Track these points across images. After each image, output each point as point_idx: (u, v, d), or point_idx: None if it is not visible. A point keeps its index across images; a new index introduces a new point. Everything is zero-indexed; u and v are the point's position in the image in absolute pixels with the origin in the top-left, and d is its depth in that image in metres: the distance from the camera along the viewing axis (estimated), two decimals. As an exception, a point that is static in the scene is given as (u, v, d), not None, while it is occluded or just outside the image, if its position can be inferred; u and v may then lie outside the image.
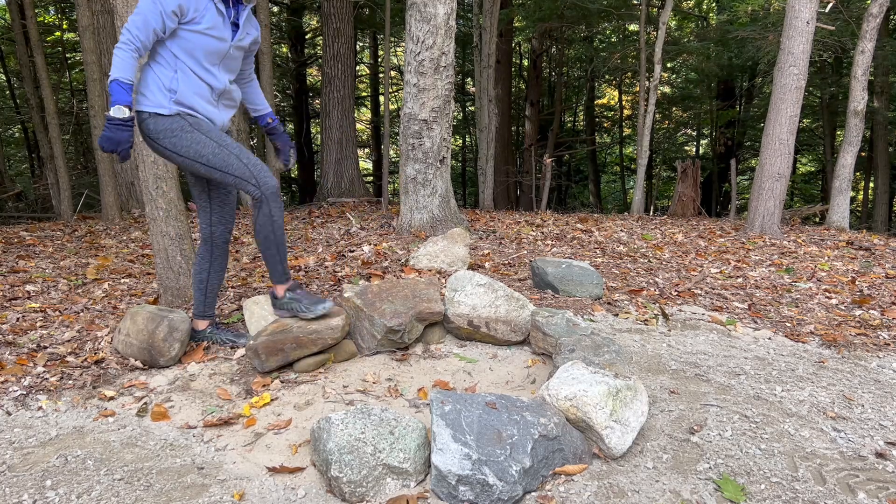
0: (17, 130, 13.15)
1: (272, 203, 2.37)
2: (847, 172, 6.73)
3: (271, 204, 2.37)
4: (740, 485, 1.73)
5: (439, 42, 4.64)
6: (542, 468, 1.76)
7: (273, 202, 2.37)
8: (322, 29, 8.99)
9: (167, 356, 2.55)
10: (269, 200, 2.36)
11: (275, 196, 2.38)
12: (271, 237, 2.41)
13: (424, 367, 2.67)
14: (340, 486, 1.72)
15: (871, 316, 3.40)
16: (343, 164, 8.44)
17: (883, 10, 6.40)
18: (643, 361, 2.63)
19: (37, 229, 5.76)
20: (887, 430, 2.06)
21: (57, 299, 3.38)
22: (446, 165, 4.99)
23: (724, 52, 11.47)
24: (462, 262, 3.90)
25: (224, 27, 2.37)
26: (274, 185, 2.36)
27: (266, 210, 2.36)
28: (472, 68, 11.93)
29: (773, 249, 5.18)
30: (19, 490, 1.71)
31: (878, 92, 10.20)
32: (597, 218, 7.08)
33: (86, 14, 6.03)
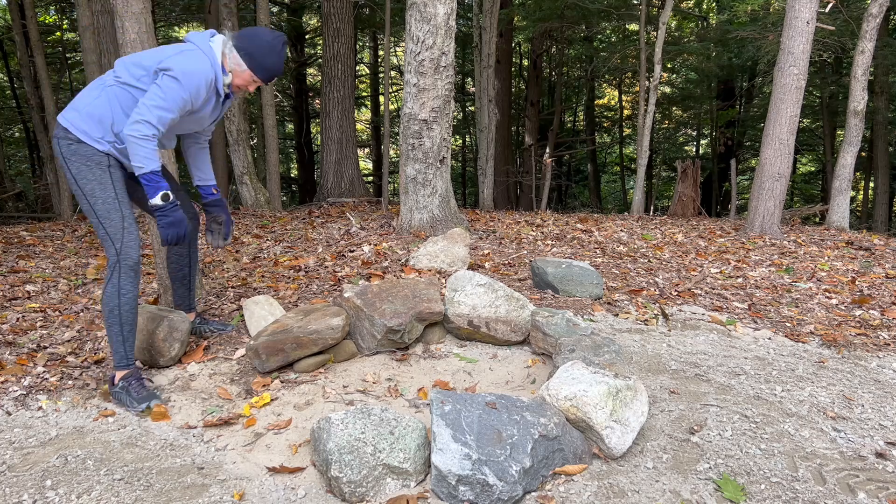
0: (18, 130, 13.16)
1: (124, 276, 2.22)
2: (847, 172, 6.72)
3: (122, 277, 2.21)
4: (740, 485, 1.73)
5: (439, 42, 4.64)
6: (542, 468, 1.76)
7: (125, 276, 2.22)
8: (322, 29, 8.99)
9: (167, 356, 2.55)
10: (121, 272, 2.21)
11: (129, 270, 2.23)
12: (116, 312, 2.22)
13: (424, 367, 2.67)
14: (340, 486, 1.72)
15: (871, 316, 3.40)
16: (343, 164, 8.44)
17: (883, 10, 6.40)
18: (643, 361, 2.63)
19: (37, 229, 5.76)
20: (887, 430, 2.06)
21: (57, 299, 3.38)
22: (446, 165, 4.99)
23: (724, 52, 11.48)
24: (462, 262, 3.90)
25: (211, 114, 2.39)
26: (132, 260, 2.23)
27: (115, 281, 2.21)
28: (472, 68, 11.93)
29: (773, 249, 5.18)
30: (19, 490, 1.71)
31: (878, 92, 10.20)
32: (597, 218, 7.08)
33: (86, 14, 6.04)
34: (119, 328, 2.24)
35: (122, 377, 2.27)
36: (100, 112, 2.21)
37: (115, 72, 2.26)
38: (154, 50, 2.29)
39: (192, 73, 2.17)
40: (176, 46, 2.27)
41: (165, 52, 2.23)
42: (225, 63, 2.29)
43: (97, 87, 2.25)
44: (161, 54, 2.22)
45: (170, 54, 2.20)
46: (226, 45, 2.28)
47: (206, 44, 2.25)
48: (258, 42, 2.26)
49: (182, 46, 2.26)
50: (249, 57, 2.27)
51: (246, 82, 2.34)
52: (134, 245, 2.24)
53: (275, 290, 3.52)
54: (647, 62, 8.91)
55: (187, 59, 2.18)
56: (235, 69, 2.29)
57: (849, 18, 7.96)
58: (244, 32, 2.30)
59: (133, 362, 2.30)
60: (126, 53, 2.95)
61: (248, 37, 2.27)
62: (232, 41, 2.27)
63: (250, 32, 2.29)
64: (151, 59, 2.22)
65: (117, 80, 2.23)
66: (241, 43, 2.26)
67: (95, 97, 2.22)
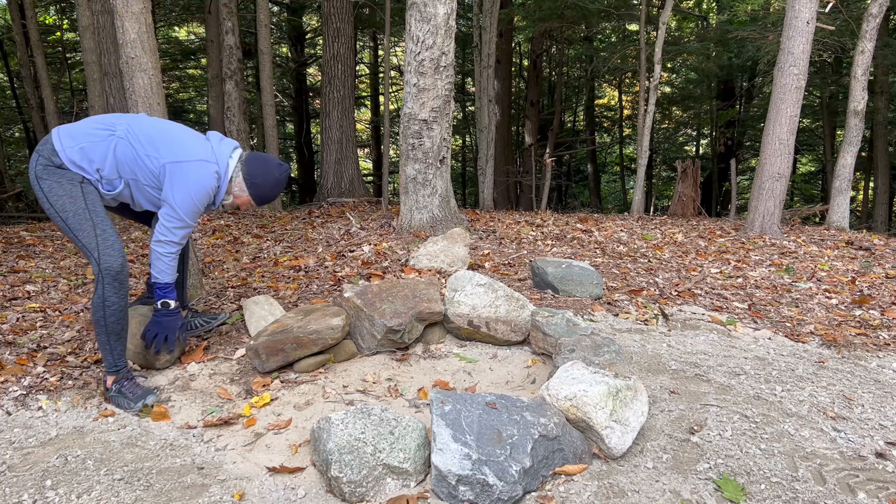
0: (18, 130, 13.16)
1: (108, 287, 2.19)
2: (847, 172, 6.72)
3: (106, 288, 2.19)
4: (740, 485, 1.73)
5: (439, 42, 4.64)
6: (542, 468, 1.76)
7: (109, 285, 2.19)
8: (322, 29, 8.99)
9: (161, 360, 2.55)
10: (104, 281, 2.19)
11: (113, 279, 2.20)
12: (102, 322, 2.21)
13: (424, 367, 2.67)
14: (340, 486, 1.72)
15: (871, 316, 3.40)
16: (343, 164, 8.44)
17: (883, 10, 6.40)
18: (643, 361, 2.63)
19: (37, 229, 5.76)
20: (887, 430, 2.06)
21: (57, 299, 3.38)
22: (446, 165, 4.99)
23: (724, 52, 11.48)
24: (462, 262, 3.90)
25: None
26: (114, 267, 2.19)
27: (100, 291, 2.19)
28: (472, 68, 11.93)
29: (773, 249, 5.18)
30: (19, 490, 1.71)
31: (878, 92, 10.19)
32: (597, 218, 7.08)
33: (86, 14, 6.04)
34: (106, 337, 2.24)
35: (113, 381, 2.28)
36: (96, 155, 2.23)
37: (130, 127, 2.29)
38: (174, 132, 2.33)
39: (203, 191, 2.30)
40: (194, 144, 2.32)
41: (184, 149, 2.29)
42: (231, 184, 2.41)
43: (107, 129, 2.27)
44: (179, 150, 2.28)
45: (186, 156, 2.27)
46: (237, 167, 2.40)
47: (226, 160, 2.37)
48: (266, 177, 2.41)
49: (199, 149, 2.32)
50: (254, 186, 2.41)
51: (242, 203, 2.47)
52: (112, 252, 2.21)
53: (275, 290, 3.52)
54: (647, 62, 8.91)
55: (199, 174, 2.28)
56: (238, 192, 2.42)
57: (849, 18, 7.96)
58: (255, 160, 2.42)
59: (123, 366, 2.30)
60: (126, 53, 2.95)
61: (258, 167, 2.41)
62: (242, 166, 2.40)
63: (262, 165, 2.42)
64: (168, 147, 2.28)
65: (128, 137, 2.26)
66: (249, 170, 2.40)
67: (100, 140, 2.23)
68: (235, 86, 7.44)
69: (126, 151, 2.25)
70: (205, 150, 2.33)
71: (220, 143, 2.39)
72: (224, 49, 7.39)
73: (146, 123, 2.33)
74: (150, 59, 2.97)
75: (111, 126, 2.28)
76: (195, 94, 14.33)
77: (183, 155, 2.27)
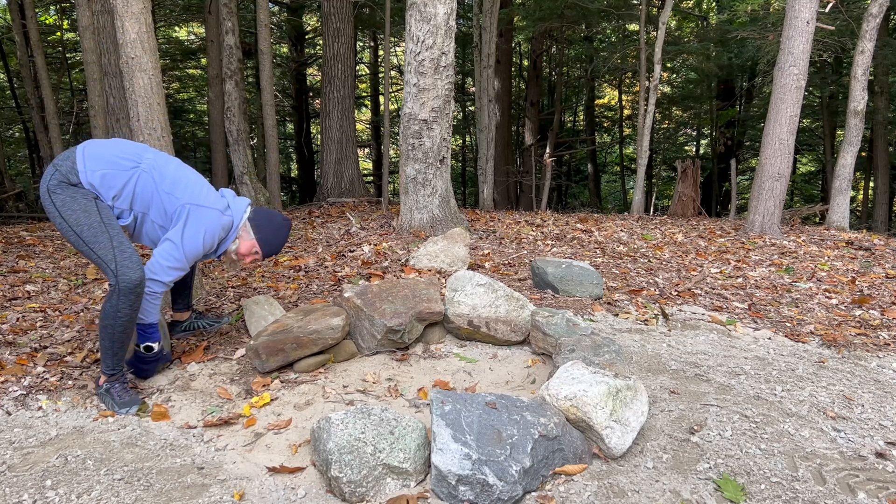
0: (18, 130, 13.15)
1: (123, 299, 2.19)
2: (847, 172, 6.72)
3: (121, 298, 2.19)
4: (740, 485, 1.73)
5: (439, 42, 4.64)
6: (542, 468, 1.76)
7: (124, 298, 2.19)
8: (322, 29, 8.99)
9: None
10: (120, 294, 2.18)
11: (129, 292, 2.19)
12: (109, 330, 2.22)
13: (424, 367, 2.67)
14: (340, 486, 1.72)
15: (871, 316, 3.40)
16: (343, 164, 8.44)
17: (883, 10, 6.40)
18: (643, 361, 2.63)
19: (37, 229, 5.75)
20: (887, 430, 2.06)
21: (57, 299, 3.38)
22: (446, 165, 4.99)
23: (724, 52, 11.47)
24: (462, 262, 3.90)
25: None
26: (132, 280, 2.19)
27: (114, 302, 2.19)
28: (472, 68, 11.93)
29: (773, 249, 5.18)
30: (19, 490, 1.71)
31: (878, 92, 10.19)
32: (597, 218, 7.08)
33: (86, 14, 6.04)
34: (111, 343, 2.24)
35: (105, 380, 2.29)
36: (117, 184, 2.26)
37: (156, 162, 2.33)
38: (194, 179, 2.40)
39: (212, 239, 2.38)
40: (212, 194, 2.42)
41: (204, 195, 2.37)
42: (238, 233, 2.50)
43: (132, 160, 2.29)
44: (200, 196, 2.35)
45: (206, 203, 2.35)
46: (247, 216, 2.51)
47: (241, 215, 2.48)
48: (272, 226, 2.54)
49: (217, 200, 2.41)
50: (259, 229, 2.51)
51: (247, 251, 2.53)
52: (131, 264, 2.19)
53: (275, 290, 3.52)
54: (647, 62, 8.91)
55: (214, 223, 2.37)
56: (243, 235, 2.50)
57: (849, 18, 7.96)
58: (261, 211, 2.56)
59: (119, 370, 2.30)
60: (126, 53, 2.94)
61: (263, 216, 2.54)
62: (248, 213, 2.52)
63: (267, 214, 2.56)
64: (190, 190, 2.34)
65: (152, 172, 2.30)
66: (256, 219, 2.52)
67: (124, 170, 2.26)
68: (235, 86, 7.44)
69: (147, 185, 2.29)
70: (222, 203, 2.43)
71: (234, 200, 2.50)
72: (224, 49, 7.39)
73: (171, 163, 2.39)
74: (150, 59, 2.97)
75: (137, 158, 2.31)
76: (195, 94, 14.33)
77: (203, 201, 2.35)
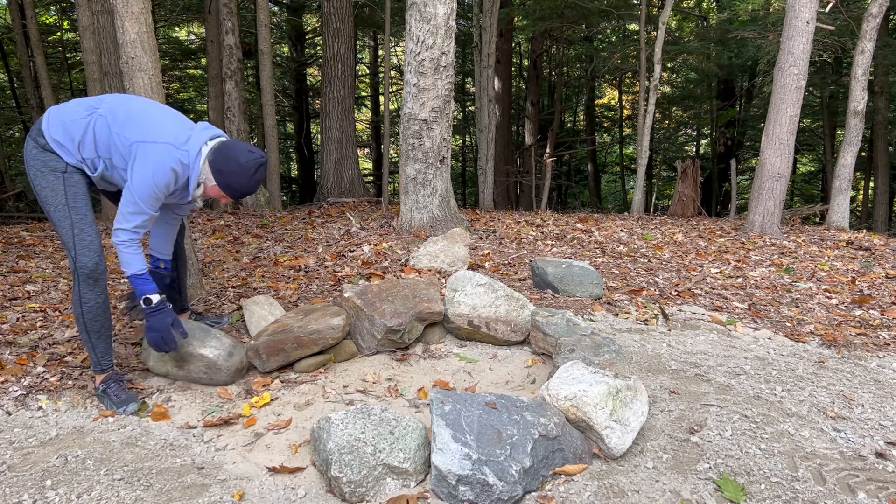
0: (18, 130, 13.15)
1: (83, 285, 2.16)
2: (847, 172, 6.72)
3: (82, 285, 2.16)
4: (740, 485, 1.73)
5: (439, 42, 4.64)
6: (542, 468, 1.76)
7: (84, 284, 2.16)
8: (322, 29, 8.99)
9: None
10: (79, 280, 2.16)
11: (88, 279, 2.16)
12: (81, 319, 2.19)
13: (424, 367, 2.67)
14: (340, 486, 1.72)
15: (871, 316, 3.40)
16: (343, 164, 8.44)
17: (883, 10, 6.40)
18: (643, 361, 2.63)
19: (37, 229, 5.76)
20: (887, 430, 2.06)
21: (57, 299, 3.38)
22: (446, 165, 4.99)
23: (724, 51, 11.47)
24: (462, 262, 3.90)
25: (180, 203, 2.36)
26: (88, 266, 2.15)
27: (77, 290, 2.17)
28: (472, 68, 11.92)
29: (773, 249, 5.18)
30: (19, 490, 1.71)
31: (878, 92, 10.19)
32: (597, 218, 7.08)
33: (86, 14, 6.04)
34: (87, 335, 2.23)
35: (101, 380, 2.27)
36: (77, 132, 2.16)
37: (113, 105, 2.18)
38: (154, 114, 2.19)
39: (163, 176, 2.12)
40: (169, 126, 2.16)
41: (155, 129, 2.14)
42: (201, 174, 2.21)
43: (90, 107, 2.18)
44: (150, 131, 2.13)
45: (154, 137, 2.12)
46: (207, 155, 2.19)
47: (197, 148, 2.17)
48: (228, 164, 2.16)
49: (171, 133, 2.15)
50: (219, 173, 2.17)
51: (217, 195, 2.26)
52: (88, 252, 2.16)
53: (275, 290, 3.52)
54: (647, 62, 8.91)
55: (162, 157, 2.11)
56: (206, 181, 2.22)
57: (849, 18, 7.95)
58: (222, 147, 2.18)
59: (108, 367, 2.28)
60: (126, 53, 2.95)
61: (223, 154, 2.17)
62: (209, 154, 2.18)
63: (226, 152, 2.17)
64: (141, 127, 2.13)
65: (107, 115, 2.16)
66: (214, 157, 2.17)
67: (81, 117, 2.16)
68: (235, 86, 7.44)
69: (103, 129, 2.15)
70: (177, 135, 2.15)
71: (200, 132, 2.19)
72: (224, 49, 7.39)
73: (133, 103, 2.20)
74: (150, 59, 2.97)
75: (95, 104, 2.19)
76: (195, 94, 14.32)
77: (152, 136, 2.11)
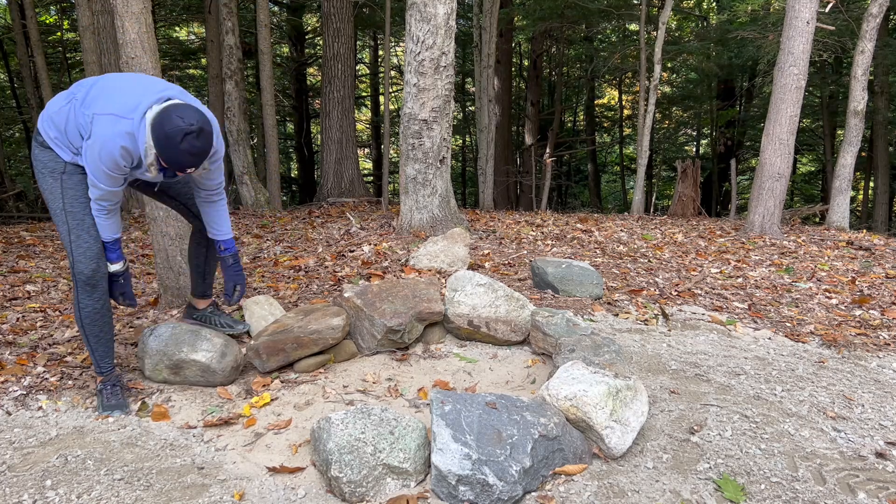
0: (18, 130, 13.15)
1: (81, 291, 2.16)
2: (847, 172, 6.72)
3: (79, 291, 2.16)
4: (740, 485, 1.73)
5: (439, 42, 4.64)
6: (542, 468, 1.76)
7: (82, 290, 2.15)
8: (322, 29, 8.98)
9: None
10: (77, 286, 2.16)
11: (85, 286, 2.15)
12: (79, 323, 2.20)
13: (424, 367, 2.67)
14: (340, 486, 1.72)
15: (871, 316, 3.40)
16: (343, 164, 8.44)
17: (883, 10, 6.40)
18: (643, 361, 2.63)
19: (37, 229, 5.76)
20: (887, 430, 2.06)
21: (57, 299, 3.38)
22: (446, 165, 4.99)
23: (724, 52, 11.47)
24: (462, 262, 3.90)
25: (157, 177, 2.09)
26: (85, 273, 2.13)
27: (75, 295, 2.18)
28: (472, 68, 11.92)
29: (773, 249, 5.18)
30: (19, 490, 1.71)
31: (878, 92, 10.19)
32: (597, 218, 7.08)
33: (86, 14, 6.04)
34: (85, 338, 2.24)
35: (100, 381, 2.29)
36: (60, 120, 2.12)
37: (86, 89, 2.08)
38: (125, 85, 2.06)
39: (108, 149, 1.97)
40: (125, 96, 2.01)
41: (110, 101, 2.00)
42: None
43: (66, 97, 2.13)
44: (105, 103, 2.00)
45: (104, 109, 1.98)
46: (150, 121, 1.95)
47: (138, 118, 1.96)
48: (159, 133, 1.91)
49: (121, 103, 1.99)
50: (156, 142, 1.94)
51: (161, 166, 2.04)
52: (84, 259, 2.14)
53: (275, 290, 3.52)
54: (647, 62, 8.91)
55: (107, 130, 1.96)
56: (151, 153, 1.98)
57: (849, 18, 7.95)
58: (161, 112, 1.93)
59: (106, 370, 2.29)
60: (126, 53, 2.95)
61: (159, 120, 1.92)
62: (151, 119, 1.94)
63: (161, 117, 1.92)
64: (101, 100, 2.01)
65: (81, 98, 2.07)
66: (152, 124, 1.93)
67: (62, 106, 2.11)
68: (235, 86, 7.44)
69: (78, 113, 2.06)
70: (126, 103, 1.96)
71: (150, 95, 1.98)
72: (224, 49, 7.39)
73: (106, 79, 2.08)
74: (150, 59, 2.97)
75: (75, 90, 2.11)
76: (195, 94, 14.33)
77: (103, 107, 1.97)
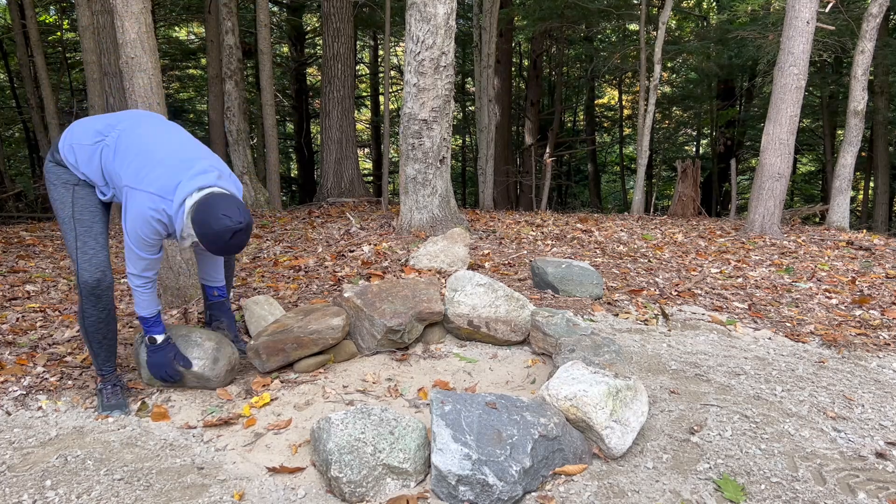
0: (18, 130, 13.15)
1: (85, 300, 2.18)
2: (847, 172, 6.72)
3: (84, 300, 2.18)
4: (740, 485, 1.73)
5: (439, 42, 4.64)
6: (542, 468, 1.76)
7: (86, 300, 2.18)
8: (322, 29, 8.98)
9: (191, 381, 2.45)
10: (81, 294, 2.18)
11: (88, 294, 2.17)
12: (83, 329, 2.23)
13: (424, 367, 2.67)
14: (340, 486, 1.72)
15: (871, 316, 3.40)
16: (343, 163, 8.44)
17: (883, 10, 6.40)
18: (643, 361, 2.63)
19: (37, 229, 5.76)
20: (887, 430, 2.06)
21: (57, 299, 3.38)
22: (446, 165, 4.99)
23: (724, 51, 11.47)
24: (462, 262, 3.90)
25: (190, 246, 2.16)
26: (88, 282, 2.15)
27: (80, 302, 2.20)
28: (472, 68, 11.92)
29: (773, 249, 5.18)
30: (19, 490, 1.71)
31: (878, 92, 10.19)
32: (597, 218, 7.08)
33: (86, 14, 6.03)
34: (88, 344, 2.26)
35: (100, 381, 2.31)
36: (82, 158, 2.15)
37: (122, 134, 2.13)
38: (156, 150, 2.10)
39: (145, 224, 2.05)
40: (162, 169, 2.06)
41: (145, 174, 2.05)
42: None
43: (94, 135, 2.15)
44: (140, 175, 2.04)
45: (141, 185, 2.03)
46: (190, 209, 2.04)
47: (181, 200, 2.04)
48: (205, 228, 2.00)
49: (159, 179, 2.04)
50: (199, 234, 2.03)
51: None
52: (88, 268, 2.16)
53: (275, 290, 3.52)
54: (647, 62, 8.90)
55: (144, 206, 2.03)
56: (191, 235, 2.09)
57: (849, 18, 7.95)
58: (202, 207, 2.01)
59: (108, 373, 2.30)
60: (126, 53, 2.95)
61: (201, 214, 2.00)
62: (191, 208, 2.03)
63: (204, 212, 2.00)
64: (134, 168, 2.06)
65: (115, 145, 2.12)
66: (194, 217, 2.02)
67: (89, 143, 2.14)
68: (235, 86, 7.44)
69: (108, 161, 2.12)
70: (165, 183, 2.04)
71: (190, 179, 2.05)
72: (224, 49, 7.39)
73: (139, 132, 2.14)
74: (150, 59, 2.97)
75: (105, 130, 2.16)
76: (195, 94, 14.33)
77: (140, 181, 2.04)
